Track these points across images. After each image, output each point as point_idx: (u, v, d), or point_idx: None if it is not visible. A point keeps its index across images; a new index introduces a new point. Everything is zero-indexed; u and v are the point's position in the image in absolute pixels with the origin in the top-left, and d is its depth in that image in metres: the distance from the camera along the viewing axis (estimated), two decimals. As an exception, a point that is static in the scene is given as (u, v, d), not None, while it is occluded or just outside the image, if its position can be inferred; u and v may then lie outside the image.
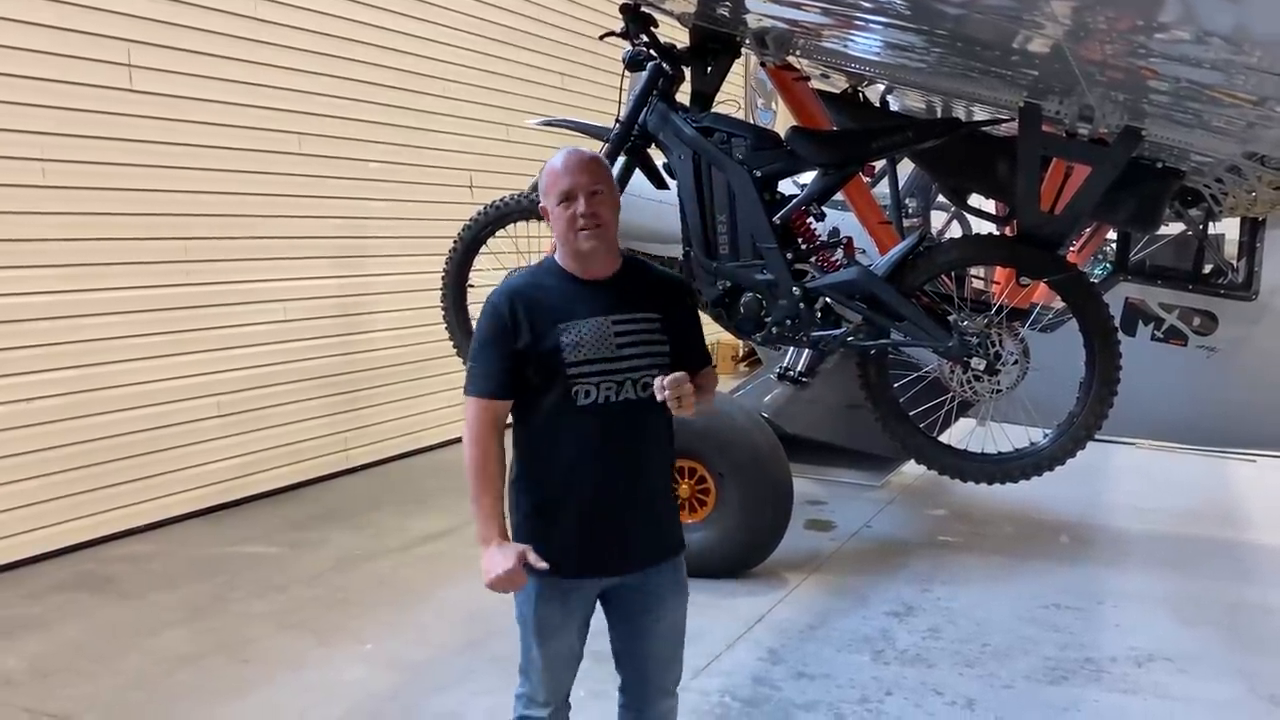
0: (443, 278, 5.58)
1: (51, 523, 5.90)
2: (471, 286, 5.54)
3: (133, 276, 6.25)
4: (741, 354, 13.06)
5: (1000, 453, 4.74)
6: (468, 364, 2.77)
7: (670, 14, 4.71)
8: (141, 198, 6.26)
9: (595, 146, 4.96)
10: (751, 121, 7.14)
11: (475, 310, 5.52)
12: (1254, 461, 8.52)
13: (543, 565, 2.61)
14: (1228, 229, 6.87)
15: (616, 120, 4.81)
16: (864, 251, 5.07)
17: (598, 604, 2.87)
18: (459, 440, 9.23)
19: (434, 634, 4.95)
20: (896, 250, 4.54)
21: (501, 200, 5.35)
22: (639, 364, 2.68)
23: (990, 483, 4.77)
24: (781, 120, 5.13)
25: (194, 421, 6.66)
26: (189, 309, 6.59)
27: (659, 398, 2.60)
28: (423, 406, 8.47)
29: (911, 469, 7.60)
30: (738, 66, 5.02)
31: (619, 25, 4.76)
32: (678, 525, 2.96)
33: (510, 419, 2.78)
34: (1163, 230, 6.81)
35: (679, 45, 4.75)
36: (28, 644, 4.80)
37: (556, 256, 2.77)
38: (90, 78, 5.93)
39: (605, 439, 2.68)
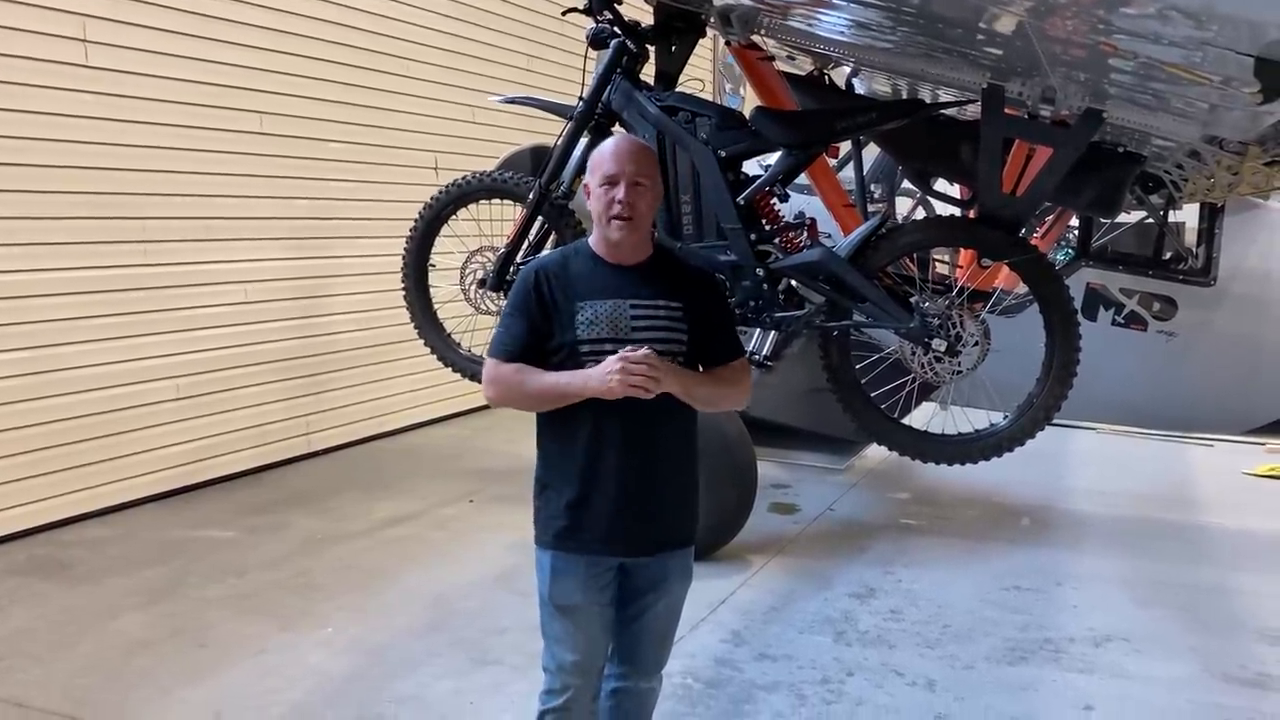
0: (403, 258, 5.52)
1: (5, 507, 5.78)
2: (433, 267, 5.49)
3: (88, 256, 6.11)
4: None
5: (960, 434, 4.77)
6: (495, 327, 2.86)
7: (634, -10, 4.68)
8: (98, 176, 6.12)
9: (558, 125, 4.95)
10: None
11: (437, 291, 5.55)
12: (1211, 445, 8.67)
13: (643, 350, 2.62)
14: (1188, 216, 6.95)
15: (580, 98, 4.78)
16: (829, 235, 5.08)
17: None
18: (424, 423, 9.08)
19: (397, 617, 4.91)
20: (859, 232, 4.55)
21: (463, 179, 5.29)
22: (653, 349, 2.67)
23: (950, 463, 4.80)
24: (749, 105, 5.12)
25: (152, 404, 6.55)
26: (147, 290, 6.46)
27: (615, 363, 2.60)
28: (387, 390, 8.40)
29: (875, 452, 7.67)
30: (707, 50, 5.00)
31: (582, 1, 4.73)
32: (695, 513, 2.98)
33: None
34: (1124, 217, 6.88)
35: (643, 23, 4.71)
36: (-20, 629, 4.71)
37: (590, 239, 2.83)
38: (44, 53, 5.79)
39: (619, 419, 2.70)
